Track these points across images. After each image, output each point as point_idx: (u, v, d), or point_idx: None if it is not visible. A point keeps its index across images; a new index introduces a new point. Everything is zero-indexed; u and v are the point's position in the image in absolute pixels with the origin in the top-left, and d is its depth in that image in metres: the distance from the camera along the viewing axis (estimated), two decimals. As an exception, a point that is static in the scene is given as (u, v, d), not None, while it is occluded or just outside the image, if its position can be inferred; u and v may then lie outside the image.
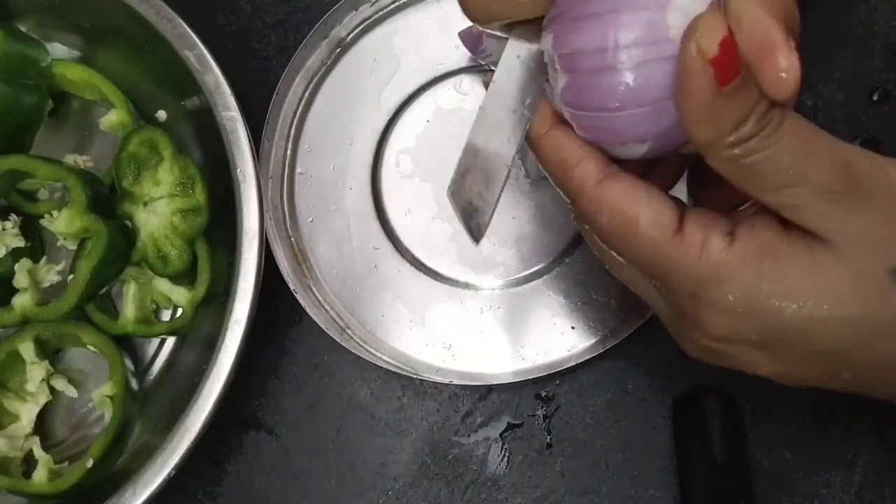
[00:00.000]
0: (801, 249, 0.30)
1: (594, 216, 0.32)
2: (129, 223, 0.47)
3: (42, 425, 0.48)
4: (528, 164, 0.49)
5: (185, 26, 0.45)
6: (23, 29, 0.48)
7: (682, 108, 0.29)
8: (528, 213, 0.49)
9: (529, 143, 0.34)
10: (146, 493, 0.41)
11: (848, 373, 0.31)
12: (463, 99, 0.50)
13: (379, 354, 0.47)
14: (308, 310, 0.46)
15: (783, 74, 0.28)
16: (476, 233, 0.43)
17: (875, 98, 0.50)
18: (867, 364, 0.31)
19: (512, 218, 0.49)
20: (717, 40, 0.27)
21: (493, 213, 0.42)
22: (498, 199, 0.43)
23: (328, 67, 0.51)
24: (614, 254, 0.33)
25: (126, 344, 0.48)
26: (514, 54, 0.34)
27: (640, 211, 0.31)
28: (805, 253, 0.30)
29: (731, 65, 0.27)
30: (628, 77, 0.29)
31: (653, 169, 0.36)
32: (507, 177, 0.43)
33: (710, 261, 0.30)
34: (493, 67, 0.48)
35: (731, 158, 0.29)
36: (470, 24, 0.49)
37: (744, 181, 0.29)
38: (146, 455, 0.42)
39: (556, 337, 0.47)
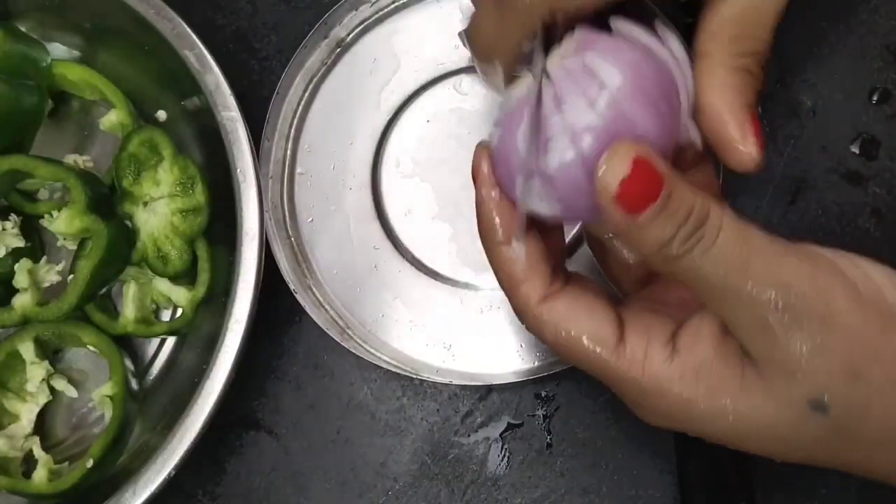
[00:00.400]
0: (734, 374, 0.32)
1: (539, 333, 0.34)
2: (129, 223, 0.47)
3: (42, 425, 0.48)
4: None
5: (185, 26, 0.45)
6: (23, 29, 0.48)
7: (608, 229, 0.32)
8: (529, 213, 0.49)
9: (486, 250, 0.36)
10: (146, 493, 0.41)
11: (778, 459, 0.34)
12: (463, 99, 0.50)
13: (379, 354, 0.47)
14: (308, 310, 0.46)
15: (746, 159, 0.33)
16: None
17: (875, 98, 0.50)
18: (792, 458, 0.33)
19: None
20: (618, 179, 0.29)
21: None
22: None
23: (328, 67, 0.51)
24: None
25: (126, 344, 0.48)
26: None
27: (582, 328, 0.33)
28: (737, 378, 0.32)
29: (640, 196, 0.29)
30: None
31: None
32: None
33: (652, 375, 0.32)
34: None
35: (662, 268, 0.31)
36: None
37: (684, 283, 0.31)
38: (146, 455, 0.42)
39: (556, 337, 0.47)
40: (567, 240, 0.37)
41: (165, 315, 0.50)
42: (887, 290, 0.32)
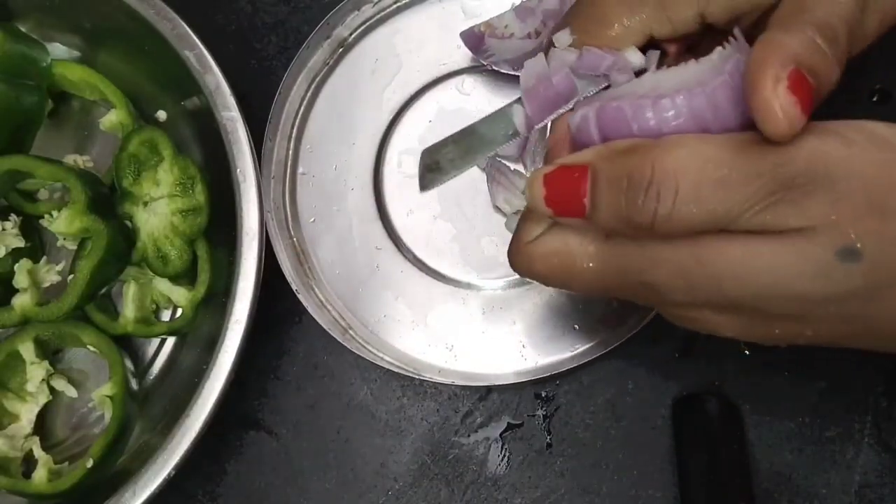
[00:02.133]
0: (734, 242, 0.31)
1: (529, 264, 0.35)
2: (129, 223, 0.47)
3: (42, 425, 0.48)
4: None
5: (185, 26, 0.45)
6: (23, 29, 0.48)
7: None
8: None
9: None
10: (146, 493, 0.41)
11: (809, 330, 0.33)
12: (465, 99, 0.50)
13: (381, 355, 0.47)
14: (310, 310, 0.46)
15: (773, 118, 0.30)
16: (426, 184, 0.49)
17: (875, 98, 0.50)
18: (824, 324, 0.32)
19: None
20: (541, 194, 0.33)
21: (451, 178, 0.45)
22: (462, 172, 0.45)
23: (330, 67, 0.51)
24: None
25: (126, 344, 0.48)
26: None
27: (570, 241, 0.34)
28: (738, 244, 0.31)
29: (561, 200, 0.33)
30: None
31: None
32: (482, 166, 0.46)
33: (648, 255, 0.32)
34: (494, 67, 0.49)
35: (655, 237, 0.32)
36: (471, 23, 0.50)
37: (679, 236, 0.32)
38: (146, 455, 0.42)
39: (558, 337, 0.47)
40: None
41: (165, 315, 0.50)
42: (886, 132, 0.31)
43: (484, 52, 0.48)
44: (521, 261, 0.36)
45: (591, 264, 0.34)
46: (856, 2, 0.33)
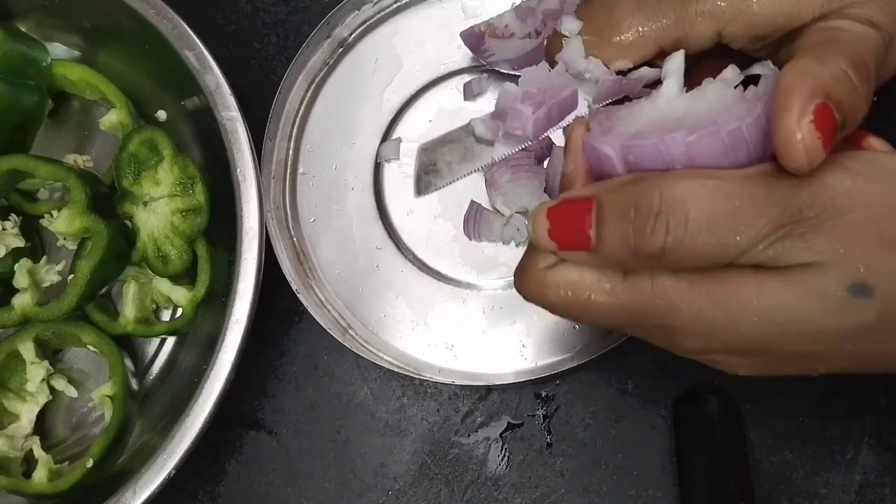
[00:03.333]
0: (748, 279, 0.31)
1: (541, 294, 0.34)
2: (129, 223, 0.47)
3: (42, 425, 0.48)
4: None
5: (185, 26, 0.45)
6: (23, 29, 0.48)
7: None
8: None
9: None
10: (146, 493, 0.41)
11: (822, 367, 0.33)
12: (465, 99, 0.50)
13: (381, 355, 0.47)
14: (310, 310, 0.46)
15: (793, 148, 0.30)
16: (422, 189, 0.49)
17: (875, 98, 0.50)
18: (837, 360, 0.32)
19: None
20: (545, 229, 0.33)
21: (447, 185, 0.45)
22: (459, 178, 0.46)
23: (330, 67, 0.51)
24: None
25: (126, 344, 0.48)
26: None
27: (586, 275, 0.33)
28: (752, 280, 0.30)
29: (567, 231, 0.33)
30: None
31: None
32: (480, 170, 0.46)
33: (664, 295, 0.32)
34: (494, 67, 0.49)
35: (664, 267, 0.31)
36: (471, 23, 0.50)
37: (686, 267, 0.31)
38: (146, 455, 0.42)
39: (558, 337, 0.47)
40: None
41: (165, 315, 0.50)
42: (889, 163, 0.31)
43: (484, 51, 0.48)
44: (531, 286, 0.34)
45: (606, 300, 0.33)
46: (882, 38, 0.33)
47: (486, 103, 0.50)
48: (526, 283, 0.35)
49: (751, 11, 0.35)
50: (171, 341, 0.50)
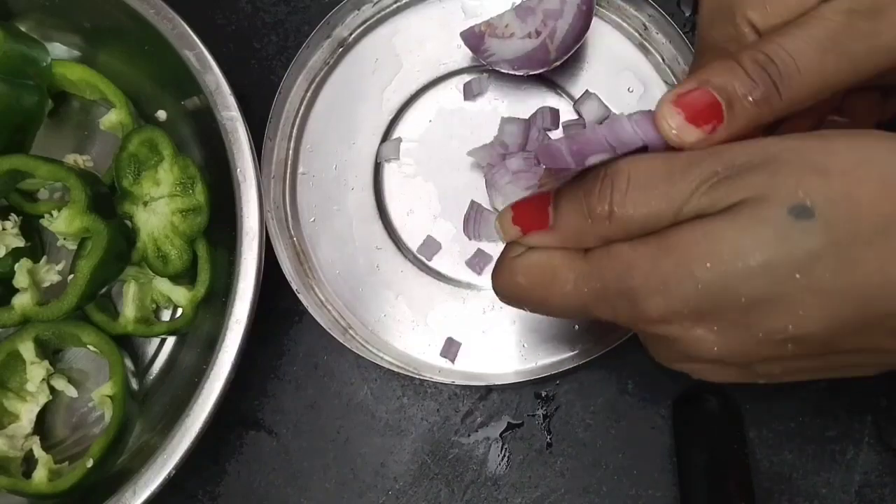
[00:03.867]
0: (693, 226, 0.31)
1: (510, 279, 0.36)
2: (129, 223, 0.47)
3: (42, 425, 0.48)
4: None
5: (185, 26, 0.45)
6: (23, 29, 0.48)
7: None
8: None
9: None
10: (146, 493, 0.41)
11: (791, 342, 0.31)
12: (465, 99, 0.50)
13: (381, 355, 0.47)
14: (310, 310, 0.46)
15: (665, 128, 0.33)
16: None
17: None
18: (802, 308, 0.31)
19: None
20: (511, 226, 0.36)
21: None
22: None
23: (330, 67, 0.51)
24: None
25: (126, 344, 0.48)
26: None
27: (552, 256, 0.35)
28: (697, 226, 0.31)
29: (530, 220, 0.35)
30: None
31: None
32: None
33: (620, 259, 0.33)
34: (494, 67, 0.49)
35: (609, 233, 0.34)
36: (471, 23, 0.50)
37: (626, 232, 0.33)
38: (146, 455, 0.42)
39: (558, 337, 0.47)
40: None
41: (165, 315, 0.50)
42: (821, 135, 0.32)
43: (484, 51, 0.48)
44: (503, 274, 0.36)
45: (571, 276, 0.34)
46: (847, 14, 0.33)
47: (486, 103, 0.50)
48: (498, 275, 0.37)
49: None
50: (171, 341, 0.50)
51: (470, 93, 0.50)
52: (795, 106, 0.33)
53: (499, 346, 0.47)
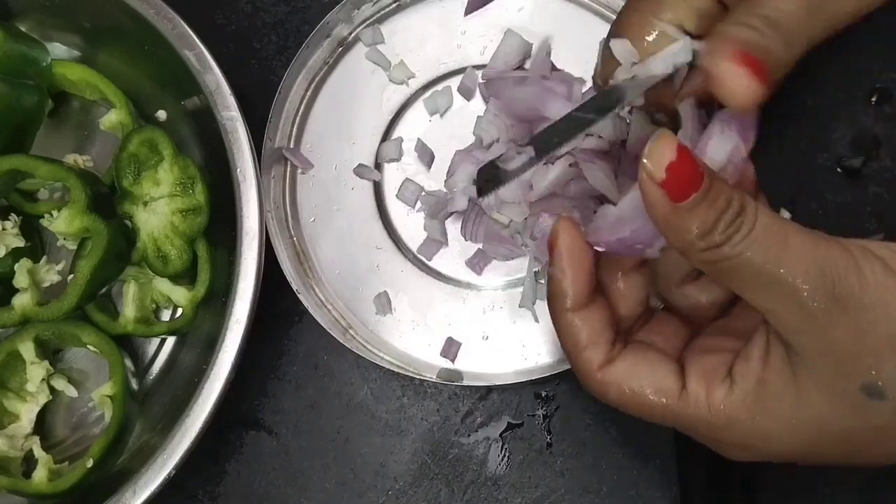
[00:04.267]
0: (787, 382, 0.32)
1: (603, 395, 0.36)
2: (129, 223, 0.47)
3: (42, 425, 0.48)
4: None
5: (185, 26, 0.45)
6: (23, 29, 0.48)
7: (652, 220, 0.32)
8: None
9: (552, 315, 0.37)
10: (146, 493, 0.41)
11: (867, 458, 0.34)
12: (465, 99, 0.50)
13: (381, 355, 0.47)
14: (310, 309, 0.46)
15: (737, 89, 0.32)
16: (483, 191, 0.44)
17: (875, 98, 0.50)
18: (861, 463, 0.34)
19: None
20: (663, 165, 0.30)
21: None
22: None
23: (330, 67, 0.51)
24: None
25: (126, 344, 0.48)
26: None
27: (645, 384, 0.35)
28: (791, 385, 0.32)
29: (683, 184, 0.30)
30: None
31: None
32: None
33: (717, 410, 0.34)
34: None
35: (706, 261, 0.32)
36: (471, 23, 0.49)
37: (723, 281, 0.32)
38: (146, 455, 0.42)
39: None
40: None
41: (165, 315, 0.50)
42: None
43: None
44: (593, 388, 0.36)
45: (664, 400, 0.34)
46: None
47: (485, 103, 0.50)
48: (586, 382, 0.36)
49: None
50: (171, 341, 0.50)
51: (470, 93, 0.50)
52: (790, 66, 0.33)
53: (498, 346, 0.47)
